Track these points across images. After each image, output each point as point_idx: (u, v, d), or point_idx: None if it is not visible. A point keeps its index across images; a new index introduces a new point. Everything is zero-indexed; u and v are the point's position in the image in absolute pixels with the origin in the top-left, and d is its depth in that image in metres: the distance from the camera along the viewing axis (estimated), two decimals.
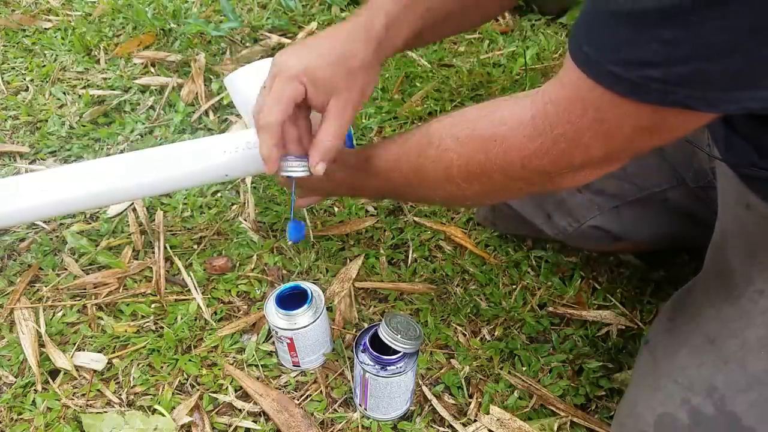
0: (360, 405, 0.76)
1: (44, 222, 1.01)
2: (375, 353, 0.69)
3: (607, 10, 0.43)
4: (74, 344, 0.85)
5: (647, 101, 0.43)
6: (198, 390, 0.80)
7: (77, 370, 0.82)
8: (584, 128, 0.48)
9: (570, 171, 0.53)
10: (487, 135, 0.55)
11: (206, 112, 1.21)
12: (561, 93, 0.49)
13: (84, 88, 1.28)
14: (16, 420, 0.78)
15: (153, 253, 0.96)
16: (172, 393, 0.79)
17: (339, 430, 0.76)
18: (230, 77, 0.74)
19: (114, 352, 0.84)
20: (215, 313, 0.88)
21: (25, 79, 1.31)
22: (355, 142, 0.78)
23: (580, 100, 0.47)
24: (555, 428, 0.76)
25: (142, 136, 1.17)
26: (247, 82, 0.74)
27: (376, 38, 0.66)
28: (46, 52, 1.38)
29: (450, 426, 0.76)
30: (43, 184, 0.81)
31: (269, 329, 0.82)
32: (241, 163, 0.80)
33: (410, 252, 0.96)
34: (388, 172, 0.67)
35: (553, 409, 0.78)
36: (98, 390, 0.80)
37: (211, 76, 1.29)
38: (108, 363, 0.83)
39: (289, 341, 0.76)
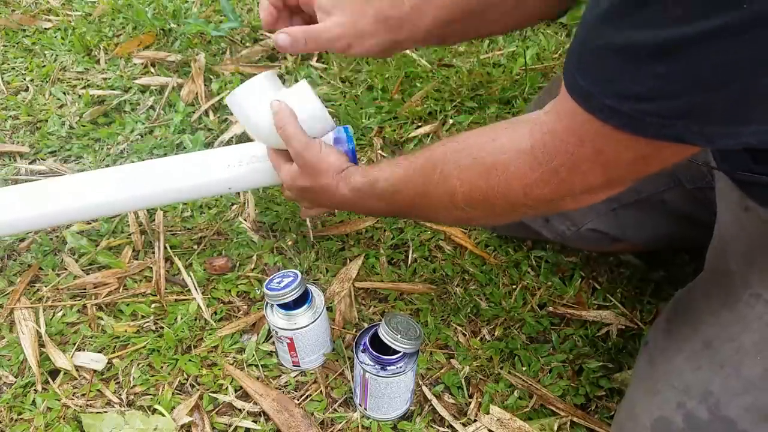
0: (360, 405, 0.76)
1: None
2: (375, 353, 0.69)
3: (602, 42, 0.43)
4: (74, 344, 0.85)
5: (644, 135, 0.44)
6: (198, 390, 0.80)
7: (77, 370, 0.82)
8: (583, 159, 0.49)
9: (571, 197, 0.54)
10: (489, 163, 0.56)
11: (206, 112, 1.21)
12: (558, 124, 0.50)
13: (84, 88, 1.28)
14: (16, 420, 0.78)
15: (153, 253, 0.96)
16: (172, 393, 0.79)
17: (339, 430, 0.76)
18: (231, 97, 0.74)
19: (114, 352, 0.84)
20: (215, 313, 0.88)
21: (25, 79, 1.31)
22: (354, 143, 0.78)
23: (577, 132, 0.48)
24: (555, 428, 0.76)
25: (142, 136, 1.17)
26: (247, 100, 0.74)
27: (399, 11, 0.70)
28: (46, 52, 1.38)
29: (450, 426, 0.76)
30: (43, 195, 0.82)
31: (269, 329, 0.82)
32: (245, 177, 0.81)
33: (410, 252, 0.96)
34: (394, 195, 0.67)
35: (553, 409, 0.78)
36: (98, 390, 0.80)
37: (211, 76, 1.29)
38: (108, 363, 0.83)
39: (289, 341, 0.76)
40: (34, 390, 0.80)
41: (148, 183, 0.82)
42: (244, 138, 1.15)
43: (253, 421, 0.77)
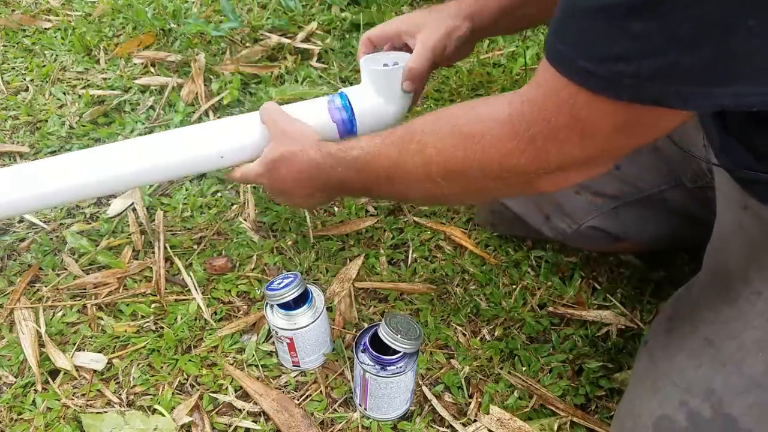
0: (360, 405, 0.76)
1: (44, 222, 1.01)
2: (375, 353, 0.69)
3: (579, 6, 0.43)
4: (74, 344, 0.85)
5: (621, 98, 0.43)
6: (198, 390, 0.80)
7: (77, 370, 0.82)
8: (560, 126, 0.48)
9: (547, 172, 0.53)
10: (466, 132, 0.56)
11: (206, 112, 1.21)
12: (537, 91, 0.49)
13: (84, 88, 1.28)
14: (16, 420, 0.78)
15: (153, 253, 0.96)
16: (172, 393, 0.79)
17: (339, 430, 0.76)
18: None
19: (114, 352, 0.84)
20: (215, 313, 0.88)
21: (25, 79, 1.31)
22: (352, 113, 0.80)
23: (555, 98, 0.47)
24: (555, 428, 0.76)
25: (142, 136, 1.17)
26: None
27: (465, 5, 0.76)
28: (46, 52, 1.38)
29: (450, 426, 0.76)
30: (37, 174, 0.81)
31: (269, 329, 0.82)
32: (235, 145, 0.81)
33: (410, 252, 0.96)
34: (367, 164, 0.66)
35: (553, 409, 0.78)
36: (98, 390, 0.80)
37: (211, 76, 1.29)
38: (108, 363, 0.83)
39: (289, 341, 0.76)
40: (34, 390, 0.80)
41: (139, 159, 0.80)
42: None
43: (253, 421, 0.77)
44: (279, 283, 0.74)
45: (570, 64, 0.44)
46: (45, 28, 1.45)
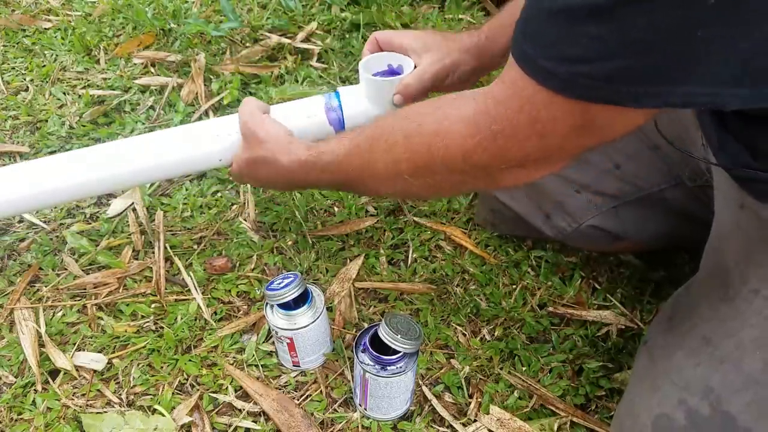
0: (360, 405, 0.76)
1: (44, 222, 1.01)
2: (375, 353, 0.69)
3: (543, 7, 0.44)
4: (74, 344, 0.85)
5: (575, 97, 0.45)
6: (198, 390, 0.80)
7: (77, 370, 0.82)
8: (521, 125, 0.50)
9: (509, 168, 0.54)
10: (431, 130, 0.57)
11: (206, 112, 1.21)
12: (501, 90, 0.51)
13: (84, 88, 1.28)
14: (16, 420, 0.78)
15: (153, 253, 0.96)
16: (172, 393, 0.79)
17: (339, 430, 0.76)
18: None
19: (114, 352, 0.84)
20: (215, 313, 0.88)
21: (25, 79, 1.31)
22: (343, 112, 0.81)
23: (517, 97, 0.49)
24: (555, 428, 0.76)
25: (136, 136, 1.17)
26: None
27: (477, 40, 0.77)
28: (46, 52, 1.38)
29: (450, 426, 0.76)
30: (33, 174, 0.80)
31: (269, 329, 0.82)
32: (234, 147, 0.80)
33: (410, 252, 0.96)
34: (339, 166, 0.67)
35: (553, 409, 0.78)
36: (98, 390, 0.80)
37: (211, 76, 1.29)
38: (108, 363, 0.83)
39: (289, 341, 0.76)
40: (34, 390, 0.80)
41: (135, 160, 0.80)
42: None
43: (253, 421, 0.77)
44: (279, 283, 0.74)
45: (533, 63, 0.46)
46: (45, 28, 1.45)
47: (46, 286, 0.92)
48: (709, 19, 0.38)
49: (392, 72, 0.81)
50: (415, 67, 0.78)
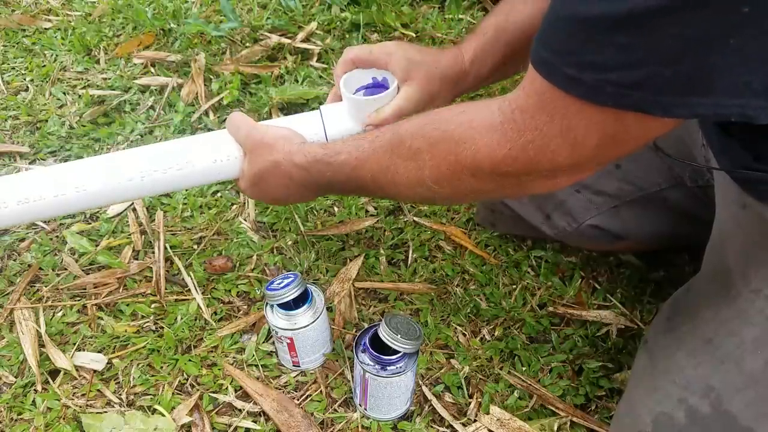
0: (360, 405, 0.76)
1: (44, 222, 1.01)
2: (375, 353, 0.69)
3: (565, 15, 0.44)
4: (74, 344, 0.85)
5: (603, 103, 0.44)
6: (198, 390, 0.80)
7: (77, 370, 0.82)
8: (552, 135, 0.49)
9: (538, 177, 0.54)
10: (458, 137, 0.56)
11: (206, 112, 1.21)
12: (528, 100, 0.50)
13: (84, 88, 1.28)
14: (16, 420, 0.78)
15: (153, 253, 0.96)
16: (172, 393, 0.79)
17: (339, 430, 0.76)
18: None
19: (114, 352, 0.84)
20: (215, 313, 0.88)
21: (25, 79, 1.31)
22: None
23: (546, 107, 0.48)
24: (555, 428, 0.76)
25: (142, 136, 1.17)
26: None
27: (460, 68, 0.74)
28: (46, 52, 1.38)
29: (450, 426, 0.76)
30: (37, 185, 0.77)
31: (269, 329, 0.82)
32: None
33: (410, 252, 0.96)
34: (355, 169, 0.65)
35: (553, 409, 0.78)
36: (98, 390, 0.80)
37: (211, 76, 1.29)
38: (108, 363, 0.83)
39: (289, 341, 0.76)
40: (34, 390, 0.80)
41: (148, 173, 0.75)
42: None
43: (253, 421, 0.77)
44: (279, 283, 0.74)
45: (556, 71, 0.46)
46: (45, 28, 1.45)
47: (46, 286, 0.92)
48: (742, 27, 0.38)
49: (377, 85, 0.77)
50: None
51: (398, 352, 0.68)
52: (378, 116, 0.73)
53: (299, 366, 0.81)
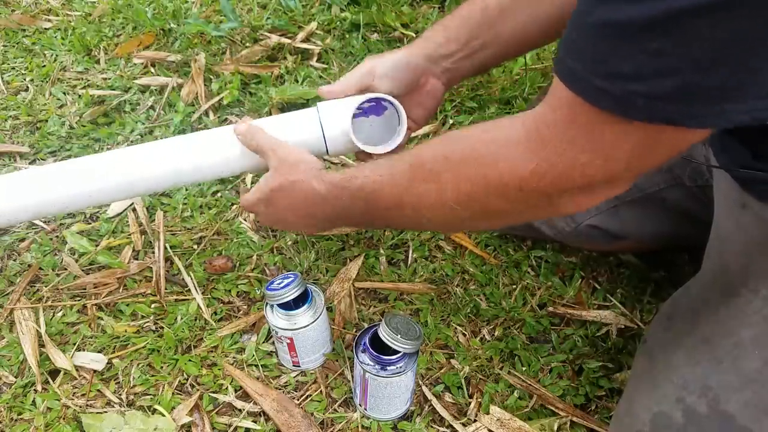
0: (360, 405, 0.76)
1: (44, 222, 1.01)
2: (375, 353, 0.69)
3: (591, 21, 0.42)
4: (74, 344, 0.85)
5: (634, 118, 0.43)
6: (198, 390, 0.80)
7: (77, 370, 0.82)
8: (580, 149, 0.47)
9: (570, 194, 0.51)
10: (480, 155, 0.54)
11: (206, 112, 1.21)
12: (553, 114, 0.48)
13: (84, 88, 1.28)
14: (16, 420, 0.78)
15: (153, 253, 0.96)
16: (172, 393, 0.79)
17: (339, 430, 0.76)
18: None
19: (114, 352, 0.84)
20: (215, 313, 0.88)
21: (25, 79, 1.31)
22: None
23: (573, 121, 0.46)
24: (555, 428, 0.76)
25: (142, 136, 1.17)
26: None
27: (445, 88, 0.76)
28: (46, 52, 1.38)
29: (450, 426, 0.76)
30: (47, 179, 0.77)
31: (269, 329, 0.82)
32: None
33: (410, 252, 0.96)
34: (374, 193, 0.62)
35: (553, 409, 0.78)
36: (98, 390, 0.80)
37: (211, 76, 1.28)
38: (108, 363, 0.83)
39: (289, 341, 0.76)
40: (34, 390, 0.80)
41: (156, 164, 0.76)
42: None
43: (253, 421, 0.77)
44: (279, 283, 0.74)
45: (583, 83, 0.43)
46: (45, 28, 1.45)
47: (46, 286, 0.92)
48: None
49: (379, 104, 0.76)
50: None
51: (398, 352, 0.68)
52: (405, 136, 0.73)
53: (299, 366, 0.81)
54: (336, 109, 0.74)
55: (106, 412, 0.78)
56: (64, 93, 1.27)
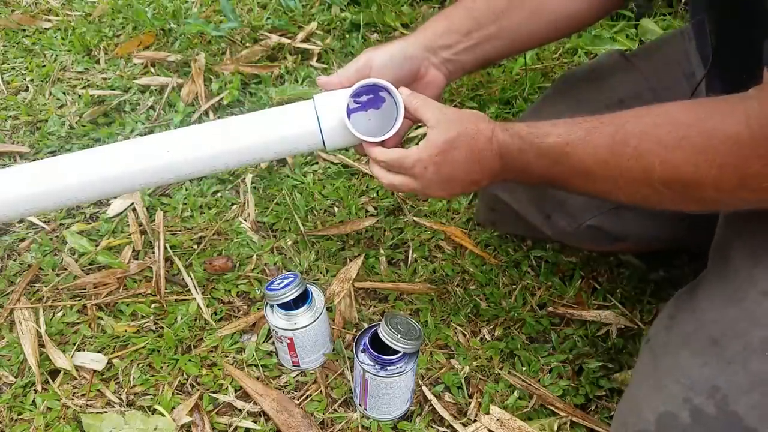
0: (360, 405, 0.76)
1: (44, 222, 1.01)
2: (375, 353, 0.69)
3: None
4: (74, 344, 0.85)
5: None
6: (198, 390, 0.80)
7: (77, 370, 0.82)
8: None
9: None
10: (698, 147, 0.51)
11: (206, 112, 1.21)
12: None
13: (84, 88, 1.28)
14: (16, 420, 0.78)
15: (153, 253, 0.96)
16: (172, 393, 0.79)
17: (339, 430, 0.76)
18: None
19: (114, 352, 0.84)
20: (215, 313, 0.88)
21: (25, 79, 1.31)
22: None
23: None
24: (555, 428, 0.76)
25: (142, 136, 1.17)
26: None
27: (434, 50, 0.73)
28: (46, 52, 1.38)
29: (450, 426, 0.76)
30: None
31: (269, 329, 0.82)
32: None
33: (410, 252, 0.96)
34: (569, 157, 0.59)
35: (553, 409, 0.78)
36: (98, 390, 0.80)
37: (211, 76, 1.29)
38: (108, 363, 0.83)
39: (289, 341, 0.76)
40: (34, 390, 0.80)
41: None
42: None
43: (253, 421, 0.77)
44: (279, 283, 0.74)
45: None
46: (45, 28, 1.45)
47: (46, 286, 0.92)
48: None
49: (377, 96, 0.72)
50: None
51: (398, 352, 0.68)
52: (396, 134, 0.70)
53: (299, 366, 0.81)
54: (332, 100, 0.71)
55: (106, 412, 0.78)
56: (64, 93, 1.27)
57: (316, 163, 1.12)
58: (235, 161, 0.73)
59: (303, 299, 0.75)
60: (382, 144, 0.70)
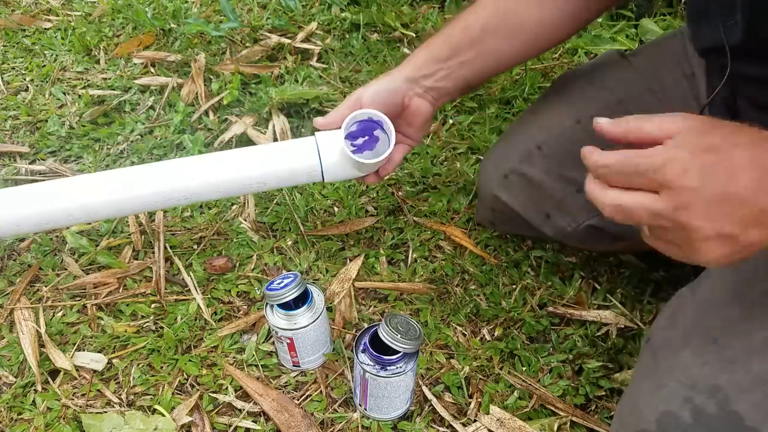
0: (360, 405, 0.76)
1: None
2: (375, 353, 0.69)
3: None
4: (74, 344, 0.85)
5: None
6: (198, 390, 0.80)
7: (77, 370, 0.82)
8: None
9: None
10: None
11: (206, 112, 1.21)
12: None
13: (84, 88, 1.28)
14: (16, 420, 0.78)
15: (153, 253, 0.96)
16: (172, 393, 0.79)
17: (339, 430, 0.76)
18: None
19: (114, 352, 0.84)
20: (215, 313, 0.88)
21: (25, 79, 1.31)
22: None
23: None
24: (555, 428, 0.76)
25: (142, 136, 1.17)
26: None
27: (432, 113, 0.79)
28: (46, 52, 1.38)
29: (450, 426, 0.76)
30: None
31: (269, 329, 0.82)
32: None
33: (410, 252, 0.96)
34: None
35: (553, 409, 0.78)
36: (98, 390, 0.80)
37: (211, 76, 1.29)
38: (108, 363, 0.83)
39: (289, 341, 0.76)
40: (34, 390, 0.80)
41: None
42: (244, 138, 1.15)
43: (253, 421, 0.77)
44: (279, 283, 0.74)
45: None
46: (45, 28, 1.45)
47: (46, 286, 0.92)
48: None
49: (371, 137, 0.77)
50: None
51: (398, 352, 0.68)
52: (391, 160, 0.78)
53: (299, 366, 0.81)
54: (332, 136, 0.77)
55: (106, 412, 0.78)
56: (64, 93, 1.27)
57: None
58: (251, 189, 0.79)
59: (303, 299, 0.75)
60: (376, 173, 0.78)
